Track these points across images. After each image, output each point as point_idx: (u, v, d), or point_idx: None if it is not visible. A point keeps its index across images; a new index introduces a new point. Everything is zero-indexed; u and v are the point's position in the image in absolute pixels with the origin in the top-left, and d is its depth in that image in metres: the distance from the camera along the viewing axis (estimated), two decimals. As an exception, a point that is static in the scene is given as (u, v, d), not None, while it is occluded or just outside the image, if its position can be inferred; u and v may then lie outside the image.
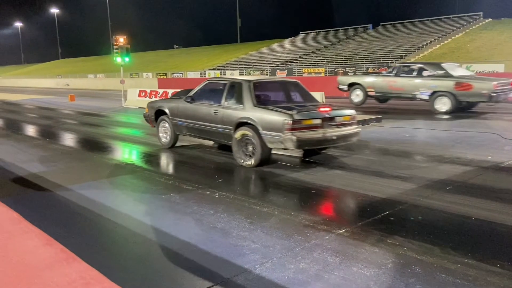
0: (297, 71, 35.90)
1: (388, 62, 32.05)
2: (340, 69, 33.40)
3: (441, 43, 34.59)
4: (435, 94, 10.66)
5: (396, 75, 12.02)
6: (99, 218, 4.11)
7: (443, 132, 9.00)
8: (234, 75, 38.97)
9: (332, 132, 5.52)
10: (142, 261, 3.17)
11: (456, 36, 35.63)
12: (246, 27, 65.83)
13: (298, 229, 3.72)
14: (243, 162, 5.79)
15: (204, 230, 3.77)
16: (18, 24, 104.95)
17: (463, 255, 3.16)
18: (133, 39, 18.88)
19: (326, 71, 34.16)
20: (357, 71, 31.42)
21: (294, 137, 5.14)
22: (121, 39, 17.28)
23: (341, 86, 13.63)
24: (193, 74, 42.69)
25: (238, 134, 5.69)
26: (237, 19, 62.01)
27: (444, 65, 11.41)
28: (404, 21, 43.49)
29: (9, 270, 0.99)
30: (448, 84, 10.73)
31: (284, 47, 47.97)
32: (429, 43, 34.78)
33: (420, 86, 11.22)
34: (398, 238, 3.50)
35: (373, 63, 32.76)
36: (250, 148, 5.65)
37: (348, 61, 35.50)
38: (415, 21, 42.34)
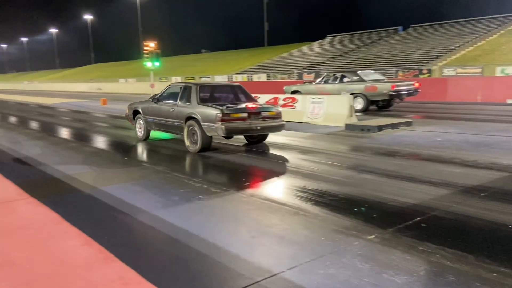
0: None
1: (419, 65, 31.38)
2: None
3: (475, 45, 33.54)
4: (352, 96, 12.51)
5: (325, 82, 14.75)
6: (131, 220, 4.20)
7: (477, 137, 8.72)
8: (261, 78, 39.04)
9: (257, 124, 6.99)
10: (174, 262, 3.22)
11: (490, 37, 34.47)
12: (273, 30, 65.88)
13: (327, 234, 3.69)
14: (191, 148, 7.31)
15: (231, 233, 3.79)
16: (53, 30, 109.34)
17: (499, 264, 3.05)
18: (162, 44, 19.24)
19: (354, 74, 33.73)
20: (386, 74, 30.91)
21: (223, 126, 6.60)
22: (152, 45, 17.68)
23: (286, 94, 15.24)
24: (220, 78, 43.12)
25: (186, 126, 7.23)
26: (264, 23, 62.23)
27: (359, 72, 14.23)
28: (436, 22, 42.46)
29: (51, 268, 1.03)
30: (360, 87, 13.60)
31: (312, 50, 47.75)
32: (462, 45, 33.80)
33: (341, 90, 13.82)
34: (431, 245, 3.42)
35: (403, 65, 32.14)
36: (195, 137, 7.17)
37: (377, 64, 34.97)
38: (447, 23, 41.27)
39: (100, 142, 10.00)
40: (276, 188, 5.48)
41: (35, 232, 1.25)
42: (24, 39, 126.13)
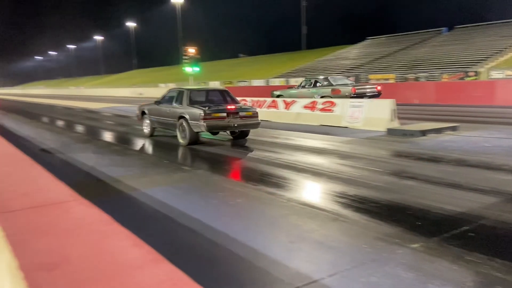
0: (364, 78, 35.02)
1: (465, 67, 30.20)
2: (411, 75, 32.06)
3: (525, 46, 31.89)
4: (323, 98, 14.83)
5: (302, 87, 17.16)
6: (173, 222, 4.31)
7: (529, 142, 8.27)
8: (299, 83, 38.88)
9: (235, 122, 8.35)
10: (215, 265, 3.27)
11: (543, 37, 32.67)
12: (311, 34, 65.58)
13: (368, 242, 3.63)
14: (182, 142, 8.79)
15: (270, 237, 3.80)
16: (98, 38, 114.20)
17: (556, 278, 2.88)
18: (201, 49, 19.63)
19: (396, 77, 32.95)
20: (429, 77, 29.97)
21: (205, 124, 8.02)
22: (192, 50, 18.06)
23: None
24: (257, 82, 43.35)
25: (178, 123, 8.73)
26: (301, 26, 62.03)
27: (330, 77, 16.70)
28: (482, 23, 40.70)
29: (105, 268, 1.09)
30: (328, 91, 15.87)
31: (350, 53, 47.08)
32: (511, 46, 32.23)
33: (314, 93, 16.11)
34: (479, 255, 3.28)
35: (448, 68, 31.05)
36: (185, 133, 8.65)
37: (420, 66, 33.97)
38: (495, 23, 39.46)
39: (141, 145, 10.31)
40: (314, 193, 5.44)
41: (89, 232, 1.32)
42: (71, 46, 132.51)
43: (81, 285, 1.69)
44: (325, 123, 12.68)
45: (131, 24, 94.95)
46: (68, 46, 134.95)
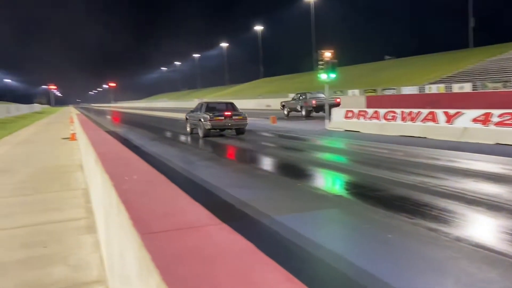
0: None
1: None
2: None
3: None
4: (301, 108, 27.83)
5: (293, 99, 30.29)
6: (308, 256, 4.32)
7: None
8: (464, 89, 36.18)
9: (230, 122, 15.90)
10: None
11: None
12: (480, 28, 60.62)
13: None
14: (200, 136, 16.36)
15: (436, 286, 3.54)
16: (224, 45, 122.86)
17: None
18: (337, 52, 19.69)
19: None
20: None
21: (209, 123, 15.53)
22: (327, 54, 18.22)
23: (280, 106, 33.33)
24: (408, 90, 41.42)
25: (198, 123, 16.33)
26: (468, 19, 57.85)
27: (307, 93, 29.48)
28: None
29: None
30: (303, 103, 28.28)
31: (537, 50, 42.25)
32: None
33: (297, 104, 29.12)
34: None
35: None
36: (201, 129, 16.21)
37: None
38: None
39: (270, 164, 10.68)
40: (491, 232, 4.93)
41: (234, 260, 1.39)
42: (196, 55, 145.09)
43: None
44: (504, 141, 11.51)
45: (258, 28, 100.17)
46: (193, 55, 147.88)
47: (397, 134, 14.92)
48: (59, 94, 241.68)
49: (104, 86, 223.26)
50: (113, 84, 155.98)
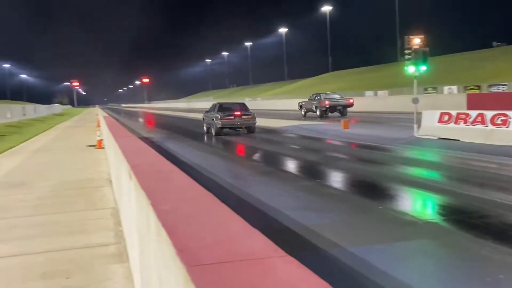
0: None
1: None
2: None
3: None
4: (316, 109, 35.66)
5: (309, 100, 37.85)
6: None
7: None
8: None
9: (239, 121, 22.36)
10: None
11: None
12: None
13: None
14: (214, 134, 22.75)
15: None
16: (283, 30, 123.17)
17: None
18: (429, 38, 19.23)
19: None
20: None
21: (220, 122, 22.00)
22: (416, 40, 17.87)
23: (297, 107, 41.38)
24: (525, 86, 39.85)
25: (212, 122, 23.18)
26: None
27: (321, 94, 37.46)
28: None
29: None
30: (318, 104, 35.72)
31: None
32: None
33: (312, 104, 36.67)
34: None
35: None
36: (214, 127, 22.84)
37: None
38: None
39: (341, 181, 10.58)
40: None
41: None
42: (248, 44, 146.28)
43: None
44: None
45: (325, 9, 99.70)
46: (244, 44, 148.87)
47: (509, 144, 14.36)
48: (83, 93, 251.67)
49: (136, 82, 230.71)
50: (146, 80, 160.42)
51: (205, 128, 24.86)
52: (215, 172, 11.60)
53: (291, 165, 13.45)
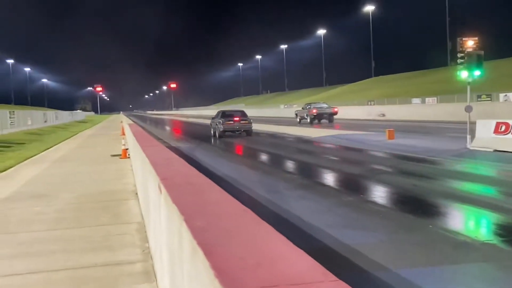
0: None
1: None
2: None
3: None
4: (306, 116, 46.72)
5: (303, 109, 50.85)
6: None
7: None
8: None
9: (238, 125, 30.61)
10: None
11: None
12: None
13: None
14: (217, 137, 30.90)
15: None
16: (321, 32, 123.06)
17: None
18: (484, 40, 18.92)
19: None
20: None
21: (222, 126, 30.40)
22: (470, 42, 17.63)
23: (293, 115, 56.35)
24: None
25: (216, 127, 31.89)
26: None
27: (312, 103, 51.58)
28: None
29: None
30: (308, 112, 47.80)
31: None
32: None
33: (303, 112, 49.02)
34: None
35: None
36: (218, 131, 31.20)
37: None
38: None
39: (386, 196, 10.45)
40: None
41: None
42: (283, 47, 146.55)
43: None
44: None
45: (368, 9, 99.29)
46: (280, 47, 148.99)
47: None
48: (107, 98, 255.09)
49: (163, 88, 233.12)
50: (174, 86, 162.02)
51: (212, 132, 32.57)
52: (248, 185, 11.59)
53: (330, 178, 13.36)
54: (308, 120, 45.32)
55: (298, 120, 49.19)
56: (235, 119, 30.39)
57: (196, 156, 18.51)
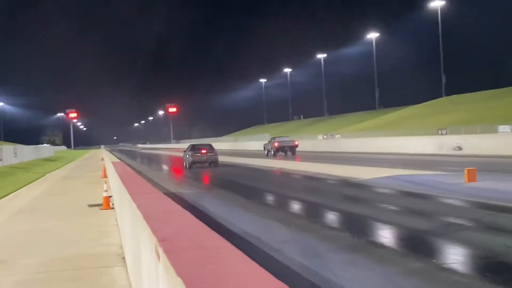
0: None
1: None
2: None
3: None
4: (271, 149, 70.21)
5: (268, 142, 75.72)
6: None
7: None
8: None
9: (205, 157, 50.46)
10: None
11: None
12: None
13: None
14: (187, 168, 50.50)
15: None
16: (372, 36, 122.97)
17: None
18: None
19: None
20: None
21: (191, 158, 49.63)
22: None
23: (263, 148, 79.27)
24: None
25: (186, 159, 52.16)
26: None
27: (275, 137, 77.43)
28: None
29: None
30: (271, 145, 72.55)
31: None
32: None
33: (267, 146, 75.36)
34: None
35: None
36: (188, 162, 50.80)
37: None
38: None
39: (469, 261, 10.29)
40: None
41: None
42: (321, 56, 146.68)
43: None
44: None
45: (434, 4, 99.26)
46: (316, 56, 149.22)
47: None
48: (83, 128, 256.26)
49: (159, 113, 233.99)
50: (173, 109, 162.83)
51: (184, 164, 47.54)
52: (278, 247, 11.47)
53: (389, 236, 13.16)
54: (272, 153, 65.88)
55: (265, 152, 69.77)
56: (202, 151, 46.63)
57: (204, 207, 18.42)
